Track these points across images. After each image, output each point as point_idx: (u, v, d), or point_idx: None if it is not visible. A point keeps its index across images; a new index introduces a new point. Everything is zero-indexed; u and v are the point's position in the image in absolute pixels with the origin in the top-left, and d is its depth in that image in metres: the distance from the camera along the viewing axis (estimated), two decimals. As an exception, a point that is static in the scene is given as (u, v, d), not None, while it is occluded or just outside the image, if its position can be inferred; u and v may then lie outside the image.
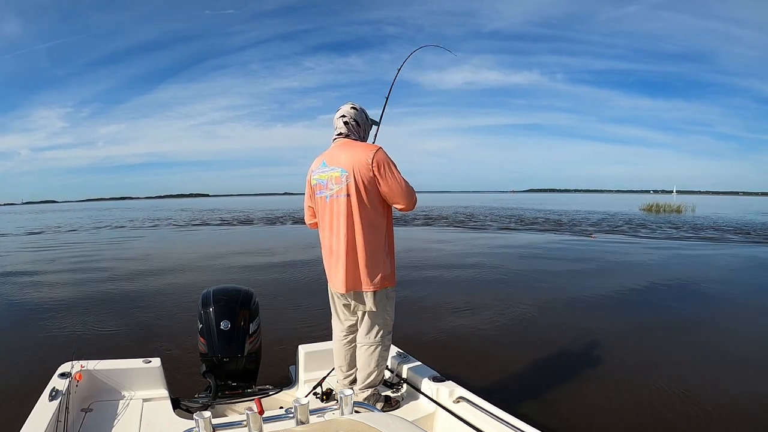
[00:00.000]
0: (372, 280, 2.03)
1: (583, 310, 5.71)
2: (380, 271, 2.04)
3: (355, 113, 2.13)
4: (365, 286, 2.04)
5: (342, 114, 2.13)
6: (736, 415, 2.99)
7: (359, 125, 2.14)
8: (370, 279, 2.03)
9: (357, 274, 2.03)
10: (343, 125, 2.11)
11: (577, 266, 8.83)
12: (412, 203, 2.06)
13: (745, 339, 4.57)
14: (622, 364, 3.91)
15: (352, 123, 2.12)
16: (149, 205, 66.06)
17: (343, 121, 2.12)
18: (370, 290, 2.04)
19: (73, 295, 6.57)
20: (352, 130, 2.12)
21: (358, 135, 2.14)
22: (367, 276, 2.03)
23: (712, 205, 41.47)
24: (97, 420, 1.95)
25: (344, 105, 2.16)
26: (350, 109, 2.14)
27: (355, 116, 2.13)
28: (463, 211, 29.68)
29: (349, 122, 2.11)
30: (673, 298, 6.40)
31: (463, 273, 8.07)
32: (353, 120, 2.12)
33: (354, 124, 2.12)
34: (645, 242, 12.81)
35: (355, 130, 2.12)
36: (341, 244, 2.03)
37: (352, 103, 2.17)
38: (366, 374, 2.16)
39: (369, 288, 2.04)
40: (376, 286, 2.04)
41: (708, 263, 9.58)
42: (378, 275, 2.04)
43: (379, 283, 2.05)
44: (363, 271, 2.02)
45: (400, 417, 1.25)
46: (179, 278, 7.96)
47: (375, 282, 2.04)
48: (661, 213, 26.97)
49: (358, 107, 2.16)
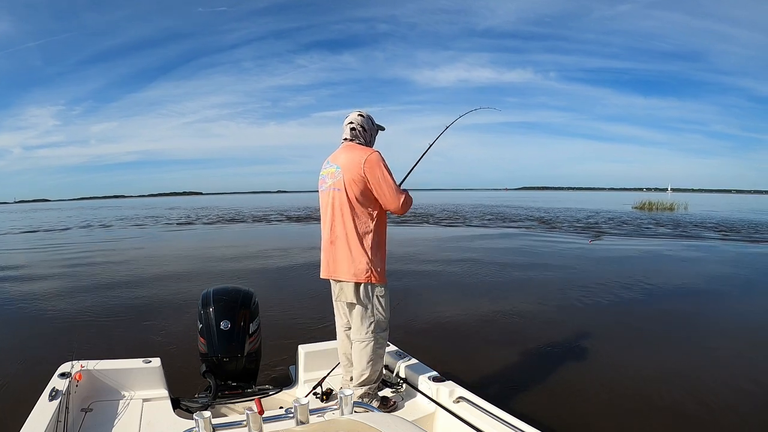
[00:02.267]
0: (351, 270, 2.14)
1: (569, 307, 5.74)
2: (363, 264, 2.14)
3: (361, 120, 2.31)
4: (345, 275, 2.16)
5: (350, 121, 2.31)
6: (729, 409, 3.03)
7: (365, 130, 2.31)
8: (350, 270, 2.14)
9: (338, 262, 2.19)
10: (350, 131, 2.30)
11: (521, 260, 9.13)
12: (401, 206, 2.18)
13: (725, 333, 4.75)
14: (618, 363, 3.92)
15: (358, 129, 2.30)
16: (142, 204, 65.83)
17: (350, 127, 2.30)
18: (351, 281, 2.15)
19: (72, 296, 6.57)
20: (357, 136, 2.30)
21: (363, 140, 2.31)
22: (346, 266, 2.15)
23: (705, 204, 41.82)
24: (97, 420, 1.95)
25: (352, 112, 2.33)
26: (357, 116, 2.31)
27: (361, 123, 2.31)
28: (452, 209, 29.86)
29: (355, 128, 2.29)
30: (668, 297, 6.45)
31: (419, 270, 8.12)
32: (360, 126, 2.30)
33: (360, 129, 2.30)
34: (635, 241, 12.84)
35: (361, 135, 2.30)
36: (327, 232, 2.23)
37: (359, 111, 2.34)
38: (359, 371, 2.20)
39: (349, 278, 2.15)
40: (357, 278, 2.14)
41: (686, 260, 9.82)
42: (360, 268, 2.14)
43: (361, 276, 2.14)
44: (343, 261, 2.16)
45: (400, 417, 1.25)
46: (178, 278, 7.94)
47: (355, 274, 2.14)
48: (654, 211, 27.07)
49: (365, 114, 2.34)
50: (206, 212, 30.91)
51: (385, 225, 2.28)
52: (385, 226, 2.29)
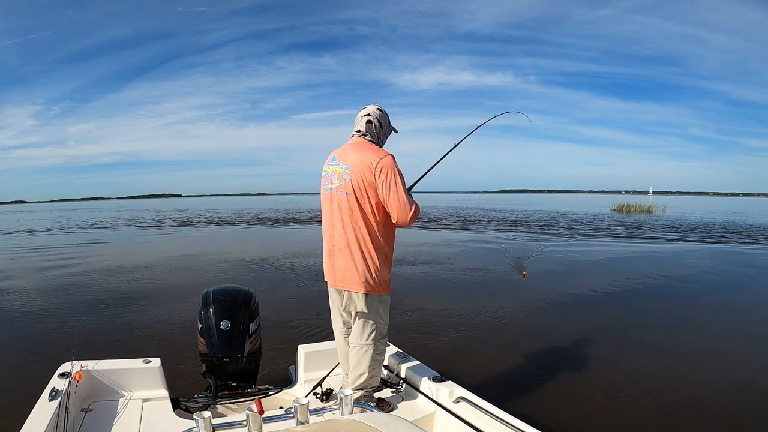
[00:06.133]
0: (363, 281, 2.01)
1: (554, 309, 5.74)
2: (373, 274, 2.02)
3: (380, 115, 2.12)
4: (357, 286, 2.02)
5: (367, 113, 2.11)
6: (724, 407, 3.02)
7: (381, 127, 2.13)
8: (362, 280, 2.01)
9: (349, 272, 2.02)
10: (366, 124, 2.09)
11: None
12: (408, 218, 1.99)
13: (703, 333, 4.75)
14: (616, 364, 3.93)
15: (375, 123, 2.10)
16: (120, 206, 65.15)
17: (366, 120, 2.10)
18: (362, 292, 2.02)
19: (72, 296, 6.56)
20: (372, 131, 2.10)
21: (376, 137, 2.12)
22: (358, 276, 2.01)
23: (682, 206, 41.93)
24: (97, 420, 1.95)
25: (370, 105, 2.14)
26: (376, 110, 2.12)
27: (379, 118, 2.11)
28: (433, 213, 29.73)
29: (372, 122, 2.10)
30: (669, 298, 6.47)
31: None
32: (377, 121, 2.10)
33: (377, 125, 2.11)
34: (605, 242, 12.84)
35: (376, 131, 2.11)
36: (336, 239, 2.04)
37: (378, 105, 2.14)
38: (356, 375, 2.14)
39: (360, 289, 2.02)
40: (368, 289, 2.02)
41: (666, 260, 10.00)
42: (370, 278, 2.02)
43: (372, 287, 2.03)
44: (355, 271, 2.01)
45: (400, 417, 1.25)
46: (178, 278, 7.95)
47: (366, 284, 2.01)
48: (632, 213, 27.10)
49: (383, 110, 2.14)
50: (193, 214, 30.66)
51: (394, 232, 2.12)
52: (394, 234, 2.13)
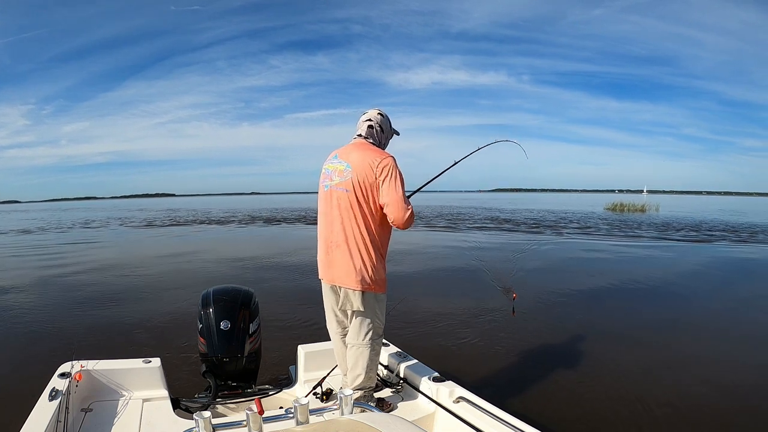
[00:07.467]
0: (360, 279, 2.03)
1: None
2: (370, 272, 2.04)
3: (381, 119, 2.20)
4: (353, 283, 2.04)
5: (369, 118, 2.19)
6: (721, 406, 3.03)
7: (383, 131, 2.21)
8: (359, 278, 2.03)
9: (346, 269, 2.05)
10: (367, 128, 2.18)
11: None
12: (404, 219, 2.03)
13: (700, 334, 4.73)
14: (616, 363, 3.92)
15: (376, 128, 2.18)
16: (113, 205, 65.07)
17: (368, 124, 2.18)
18: (359, 289, 2.04)
19: (71, 296, 6.57)
20: (373, 135, 2.18)
21: (378, 140, 2.20)
22: (355, 273, 2.03)
23: (677, 205, 41.99)
24: (97, 420, 1.95)
25: (372, 110, 2.22)
26: (377, 114, 2.20)
27: (380, 122, 2.20)
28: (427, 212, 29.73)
29: (374, 126, 2.18)
30: (670, 297, 6.46)
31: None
32: (378, 125, 2.19)
33: (378, 129, 2.19)
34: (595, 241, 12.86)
35: (377, 135, 2.19)
36: (334, 235, 2.07)
37: (380, 110, 2.23)
38: (354, 375, 2.15)
39: (357, 287, 2.04)
40: (364, 287, 2.04)
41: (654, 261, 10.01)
42: (367, 276, 2.04)
43: (368, 285, 2.05)
44: (352, 268, 2.03)
45: (400, 417, 1.25)
46: (178, 278, 7.95)
47: (363, 282, 2.04)
48: (625, 212, 27.17)
49: (384, 114, 2.22)
50: (186, 214, 30.71)
51: (390, 232, 2.16)
52: (390, 234, 2.17)
